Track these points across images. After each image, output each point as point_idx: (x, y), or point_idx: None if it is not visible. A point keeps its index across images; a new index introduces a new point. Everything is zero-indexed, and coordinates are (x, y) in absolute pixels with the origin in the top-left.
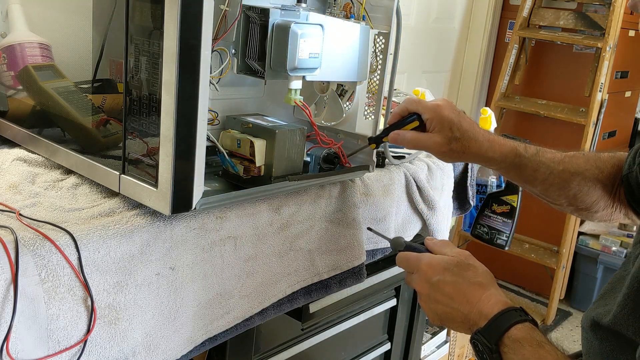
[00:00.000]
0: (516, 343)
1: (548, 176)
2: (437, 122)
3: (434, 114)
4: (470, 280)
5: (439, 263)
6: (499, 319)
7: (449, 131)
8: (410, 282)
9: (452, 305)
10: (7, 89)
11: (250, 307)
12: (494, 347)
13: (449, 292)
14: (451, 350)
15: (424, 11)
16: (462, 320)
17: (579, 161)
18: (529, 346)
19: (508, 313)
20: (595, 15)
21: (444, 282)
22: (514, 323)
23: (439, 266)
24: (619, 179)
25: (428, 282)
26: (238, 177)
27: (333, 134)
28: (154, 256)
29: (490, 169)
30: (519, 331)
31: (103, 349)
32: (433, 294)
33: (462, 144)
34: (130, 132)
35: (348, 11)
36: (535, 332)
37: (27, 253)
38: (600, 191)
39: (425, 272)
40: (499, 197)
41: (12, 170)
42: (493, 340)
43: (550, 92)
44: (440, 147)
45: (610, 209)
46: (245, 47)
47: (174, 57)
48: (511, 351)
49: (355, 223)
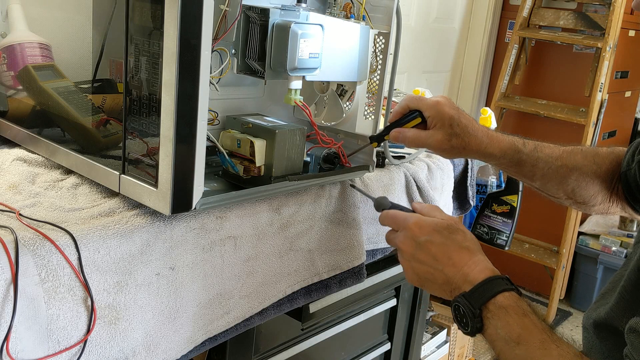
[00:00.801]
0: (501, 310)
1: (546, 171)
2: (438, 119)
3: (435, 111)
4: (458, 244)
5: (428, 224)
6: (485, 285)
7: (449, 128)
8: (393, 240)
9: (435, 266)
10: (7, 89)
11: (250, 307)
12: (477, 311)
13: (434, 253)
14: (451, 350)
15: (424, 11)
16: (443, 282)
17: (577, 157)
18: (514, 314)
19: (495, 281)
20: (595, 15)
21: (431, 242)
22: (501, 291)
23: (428, 227)
24: (617, 174)
25: (414, 241)
26: (238, 177)
27: (333, 134)
28: (154, 256)
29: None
30: (505, 299)
31: (103, 349)
32: (417, 254)
33: (462, 140)
34: (130, 132)
35: (348, 11)
36: (521, 302)
37: (27, 253)
38: (598, 186)
39: (412, 230)
40: (499, 197)
41: (12, 170)
42: (477, 305)
43: (550, 92)
44: (442, 144)
45: (608, 203)
46: (245, 47)
47: (174, 57)
48: (495, 317)
49: (355, 223)
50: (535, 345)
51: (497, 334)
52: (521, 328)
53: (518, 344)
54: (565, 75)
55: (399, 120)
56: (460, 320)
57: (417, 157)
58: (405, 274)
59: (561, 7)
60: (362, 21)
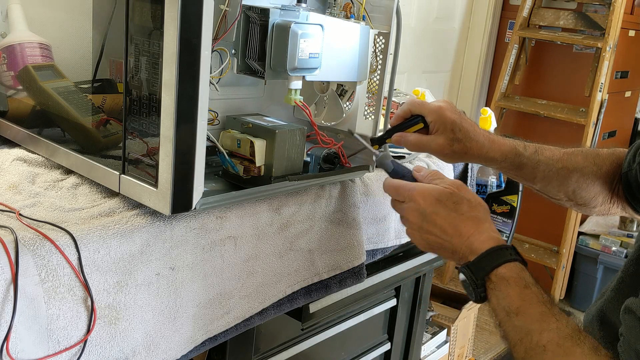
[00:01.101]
0: (503, 281)
1: (547, 174)
2: (440, 123)
3: (437, 116)
4: (464, 215)
5: (431, 194)
6: (488, 256)
7: (451, 133)
8: (400, 210)
9: (443, 237)
10: (7, 89)
11: (250, 307)
12: (480, 282)
13: (441, 224)
14: (451, 350)
15: (424, 11)
16: (451, 251)
17: (577, 158)
18: (515, 286)
19: (499, 251)
20: (595, 15)
21: (437, 214)
22: (504, 262)
23: (432, 198)
24: (617, 175)
25: (420, 212)
26: (238, 177)
27: (333, 134)
28: (154, 256)
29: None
30: (507, 270)
31: (103, 349)
32: (425, 225)
33: (464, 145)
34: (130, 132)
35: (348, 11)
36: (524, 273)
37: (27, 253)
38: (598, 187)
39: (418, 202)
40: (499, 197)
41: (12, 170)
42: (480, 276)
43: (550, 92)
44: (443, 149)
45: (608, 204)
46: (245, 47)
47: (174, 57)
48: (497, 288)
49: (355, 223)
50: (534, 317)
51: (498, 304)
52: (521, 300)
53: (517, 315)
54: (565, 75)
55: (401, 124)
56: (466, 289)
57: (417, 157)
58: (415, 242)
59: (561, 7)
60: (362, 21)
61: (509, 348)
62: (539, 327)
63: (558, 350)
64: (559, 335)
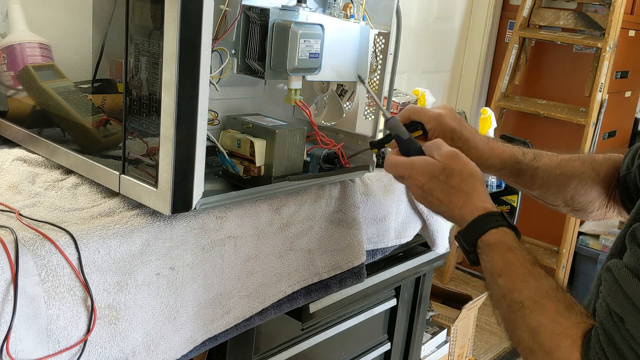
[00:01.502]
0: (487, 247)
1: (546, 180)
2: (440, 131)
3: (437, 123)
4: (455, 187)
5: (426, 170)
6: (475, 225)
7: (450, 141)
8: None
9: (442, 207)
10: (7, 89)
11: (250, 307)
12: (470, 249)
13: (438, 196)
14: (451, 350)
15: (424, 11)
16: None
17: (575, 164)
18: (499, 250)
19: (485, 219)
20: (595, 15)
21: (432, 188)
22: (489, 228)
23: (427, 174)
24: (614, 180)
25: (420, 187)
26: (238, 177)
27: (333, 134)
28: (154, 256)
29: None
30: (491, 236)
31: (103, 349)
32: (426, 197)
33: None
34: (130, 132)
35: (348, 11)
36: (507, 237)
37: (27, 253)
38: (596, 192)
39: (415, 179)
40: (499, 197)
41: (12, 170)
42: (469, 243)
43: (550, 92)
44: None
45: (605, 208)
46: (245, 47)
47: (174, 57)
48: (483, 253)
49: (355, 223)
50: (515, 277)
51: (485, 267)
52: (504, 262)
53: (500, 276)
54: (565, 75)
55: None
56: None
57: None
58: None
59: (561, 7)
60: (362, 21)
61: (492, 304)
62: (519, 286)
63: (535, 306)
64: (536, 293)
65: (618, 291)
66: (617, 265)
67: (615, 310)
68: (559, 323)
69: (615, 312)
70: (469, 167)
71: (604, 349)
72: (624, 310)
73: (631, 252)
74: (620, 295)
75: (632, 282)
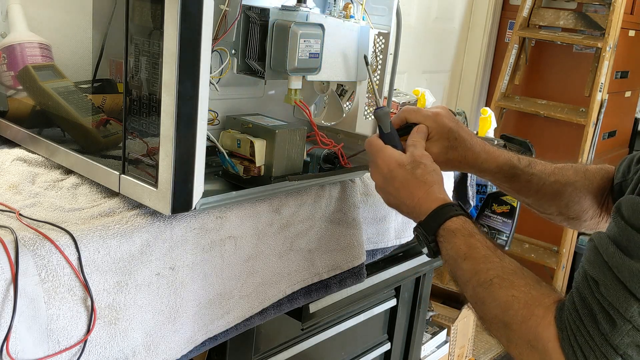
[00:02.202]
0: (450, 233)
1: (541, 187)
2: (437, 131)
3: (433, 122)
4: (417, 178)
5: (394, 159)
6: (435, 215)
7: (446, 140)
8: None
9: (400, 199)
10: (7, 89)
11: (250, 307)
12: (432, 237)
13: (397, 186)
14: (451, 350)
15: (424, 11)
16: (408, 212)
17: (568, 173)
18: (461, 236)
19: (445, 208)
20: (595, 15)
21: (394, 177)
22: (450, 217)
23: (394, 162)
24: (607, 190)
25: (381, 175)
26: (238, 177)
27: (333, 134)
28: (154, 256)
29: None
30: (453, 223)
31: (103, 349)
32: (385, 186)
33: (459, 153)
34: (130, 132)
35: (348, 11)
36: (468, 224)
37: (27, 253)
38: (590, 201)
39: (379, 166)
40: (499, 197)
41: (12, 170)
42: (431, 232)
43: (550, 92)
44: (437, 157)
45: (598, 218)
46: (245, 47)
47: (174, 57)
48: (445, 241)
49: (355, 223)
50: (479, 260)
51: (448, 254)
52: (467, 247)
53: (465, 260)
54: (565, 75)
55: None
56: (420, 245)
57: None
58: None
59: (561, 7)
60: (362, 21)
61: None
62: (484, 267)
63: (503, 282)
64: (503, 271)
65: (596, 258)
66: (599, 235)
67: (591, 274)
68: (530, 294)
69: (592, 277)
70: (435, 165)
71: (578, 310)
72: (600, 275)
73: (614, 223)
74: (598, 262)
75: (611, 249)
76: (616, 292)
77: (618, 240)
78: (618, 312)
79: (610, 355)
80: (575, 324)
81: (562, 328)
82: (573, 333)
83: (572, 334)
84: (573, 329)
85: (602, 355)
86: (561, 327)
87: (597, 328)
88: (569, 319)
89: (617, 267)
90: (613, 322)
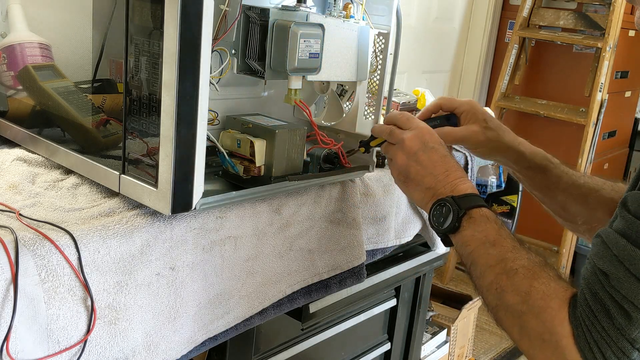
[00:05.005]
0: (483, 217)
1: (569, 186)
2: (472, 113)
3: (469, 106)
4: (456, 162)
5: (428, 132)
6: (473, 197)
7: (483, 122)
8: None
9: (429, 168)
10: (7, 89)
11: (250, 307)
12: (462, 212)
13: (434, 158)
14: (451, 350)
15: (424, 11)
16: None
17: (596, 180)
18: (494, 223)
19: (480, 198)
20: (595, 15)
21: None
22: (482, 205)
23: (437, 138)
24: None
25: (421, 141)
26: (238, 177)
27: (333, 134)
28: (154, 256)
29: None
30: (487, 211)
31: (103, 349)
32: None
33: (496, 133)
34: (130, 132)
35: (348, 11)
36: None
37: (27, 253)
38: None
39: (422, 130)
40: (499, 197)
41: (12, 170)
42: (464, 207)
43: (550, 92)
44: (478, 135)
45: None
46: (245, 47)
47: (174, 57)
48: (476, 222)
49: (355, 223)
50: (508, 248)
51: (473, 235)
52: (497, 235)
53: (493, 246)
54: (565, 75)
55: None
56: (437, 219)
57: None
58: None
59: (561, 7)
60: (362, 21)
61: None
62: (512, 256)
63: (528, 273)
64: (530, 263)
65: (605, 252)
66: (606, 231)
67: (600, 267)
68: (549, 285)
69: (600, 270)
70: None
71: (590, 306)
72: (610, 268)
73: (621, 217)
74: (607, 255)
75: (621, 242)
76: (629, 285)
77: (627, 233)
78: (632, 304)
79: (627, 350)
80: (589, 320)
81: (576, 325)
82: (588, 330)
83: (587, 330)
84: (588, 325)
85: (619, 350)
86: (575, 324)
87: (612, 323)
88: (582, 315)
89: (629, 259)
90: (628, 316)
